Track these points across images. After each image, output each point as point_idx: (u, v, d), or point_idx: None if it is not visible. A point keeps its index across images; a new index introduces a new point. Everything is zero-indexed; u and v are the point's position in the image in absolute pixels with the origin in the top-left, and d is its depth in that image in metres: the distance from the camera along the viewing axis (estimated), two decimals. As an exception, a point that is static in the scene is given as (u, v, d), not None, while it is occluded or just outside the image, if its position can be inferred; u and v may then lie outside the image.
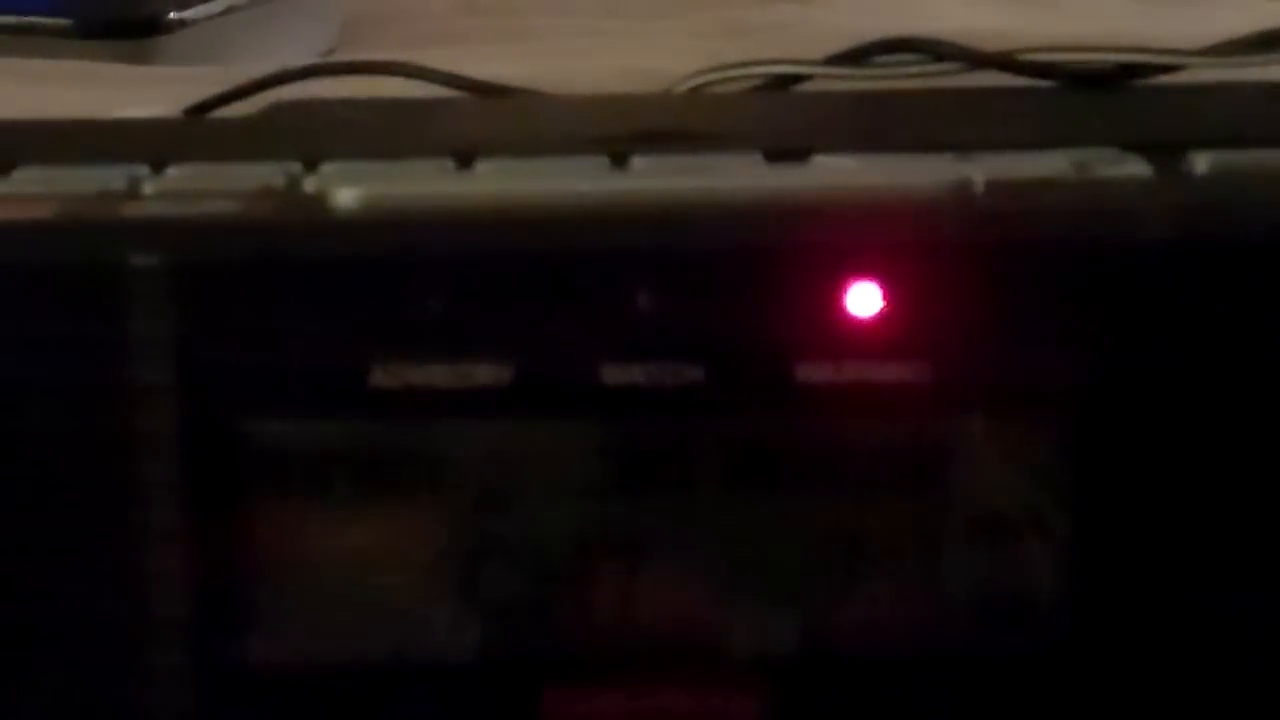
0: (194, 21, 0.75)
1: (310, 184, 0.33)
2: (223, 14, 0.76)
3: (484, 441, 0.33)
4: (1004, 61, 0.47)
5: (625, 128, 0.37)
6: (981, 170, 0.33)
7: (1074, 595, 0.33)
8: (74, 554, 0.33)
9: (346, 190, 0.33)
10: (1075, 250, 0.32)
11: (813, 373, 0.32)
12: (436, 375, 0.32)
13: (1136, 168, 0.33)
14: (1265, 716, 0.33)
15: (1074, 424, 0.33)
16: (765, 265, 0.32)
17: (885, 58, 0.49)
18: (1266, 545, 0.33)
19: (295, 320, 0.32)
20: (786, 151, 0.34)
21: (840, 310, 0.32)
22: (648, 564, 0.33)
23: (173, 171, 0.34)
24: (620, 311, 0.32)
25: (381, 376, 0.33)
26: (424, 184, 0.33)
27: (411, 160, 0.34)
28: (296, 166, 0.34)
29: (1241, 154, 0.33)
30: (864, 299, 0.32)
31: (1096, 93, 0.45)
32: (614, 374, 0.33)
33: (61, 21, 0.74)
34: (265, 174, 0.33)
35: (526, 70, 0.62)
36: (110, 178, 0.33)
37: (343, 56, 0.72)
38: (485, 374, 0.33)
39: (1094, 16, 0.82)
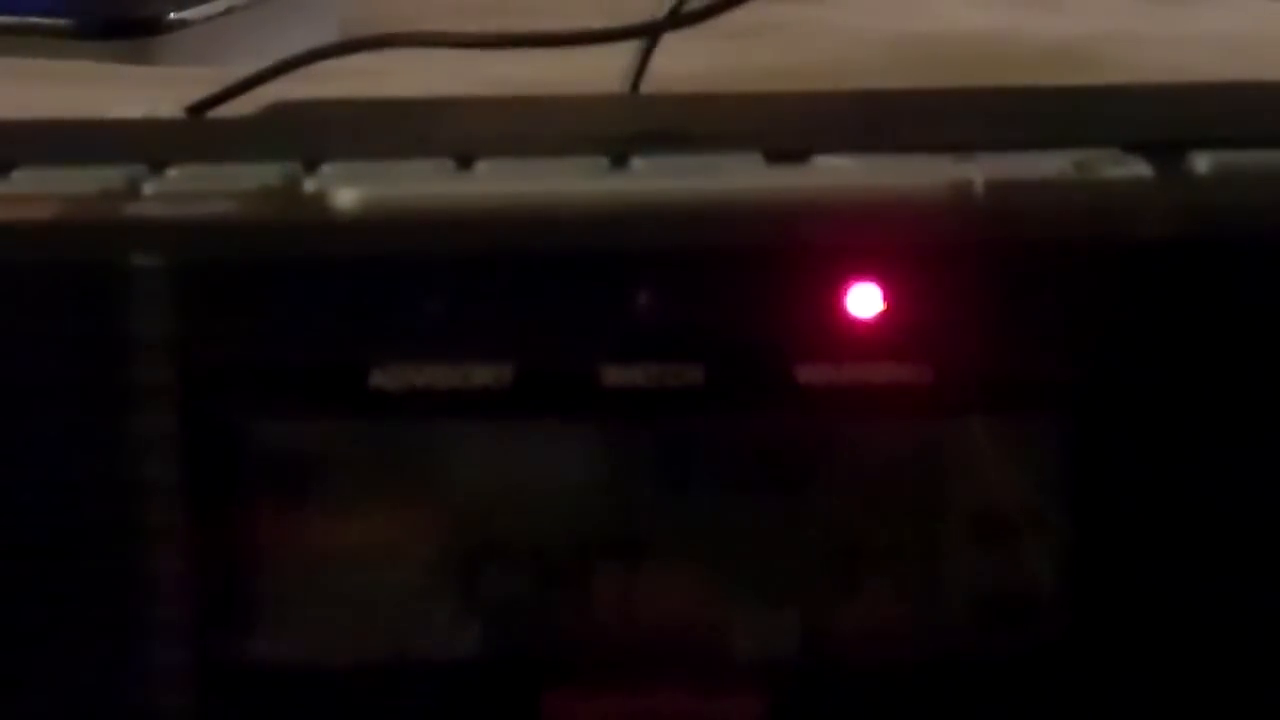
0: (194, 21, 0.75)
1: (310, 184, 0.33)
2: (223, 14, 0.76)
3: (484, 442, 0.33)
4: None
5: (625, 128, 0.37)
6: (981, 170, 0.33)
7: (1074, 595, 0.33)
8: (74, 554, 0.33)
9: (346, 190, 0.33)
10: (1075, 250, 0.32)
11: (813, 374, 0.32)
12: (437, 376, 0.33)
13: (1137, 168, 0.33)
14: (1265, 716, 0.33)
15: (1074, 424, 0.33)
16: (765, 266, 0.32)
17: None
18: (1267, 546, 0.33)
19: (295, 320, 0.32)
20: (786, 152, 0.34)
21: (840, 311, 0.32)
22: (648, 565, 0.33)
23: (173, 171, 0.34)
24: (620, 312, 0.32)
25: (381, 377, 0.33)
26: (424, 184, 0.33)
27: (411, 160, 0.34)
28: (296, 166, 0.34)
29: (1242, 154, 0.33)
30: (864, 300, 0.32)
31: (1097, 93, 0.45)
32: (614, 375, 0.33)
33: (61, 21, 0.75)
34: (265, 174, 0.33)
35: (527, 70, 0.62)
36: (110, 178, 0.33)
37: (343, 56, 0.72)
38: (485, 375, 0.33)
39: (1094, 16, 0.82)
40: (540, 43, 0.61)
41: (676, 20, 0.59)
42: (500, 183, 0.33)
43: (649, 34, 0.59)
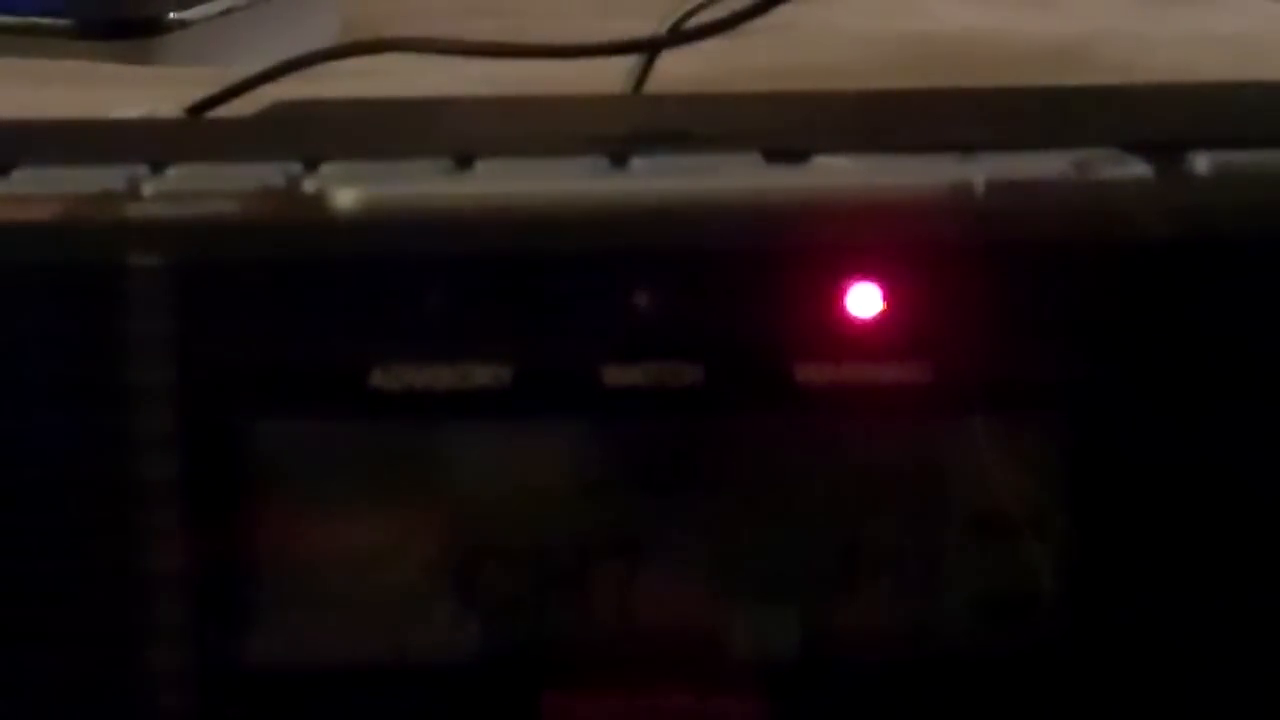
0: (194, 21, 0.75)
1: (310, 184, 0.33)
2: (223, 14, 0.76)
3: (484, 442, 0.33)
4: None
5: (625, 128, 0.37)
6: (982, 170, 0.33)
7: (1074, 595, 0.33)
8: (74, 554, 0.33)
9: (346, 190, 0.33)
10: (1075, 250, 0.32)
11: (813, 374, 0.32)
12: (436, 376, 0.33)
13: (1137, 168, 0.33)
14: (1264, 716, 0.33)
15: (1074, 424, 0.33)
16: (765, 266, 0.32)
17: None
18: (1266, 545, 0.33)
19: (295, 320, 0.32)
20: (786, 151, 0.34)
21: (840, 311, 0.32)
22: (647, 565, 0.33)
23: (173, 171, 0.34)
24: (620, 311, 0.32)
25: (381, 377, 0.33)
26: (424, 184, 0.33)
27: (411, 160, 0.34)
28: (296, 166, 0.34)
29: (1241, 154, 0.33)
30: (864, 300, 0.32)
31: (1097, 93, 0.45)
32: (614, 374, 0.33)
33: (61, 21, 0.75)
34: (265, 174, 0.33)
35: (526, 70, 0.62)
36: (110, 178, 0.33)
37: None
38: (485, 375, 0.33)
39: (1094, 16, 0.82)
40: (540, 54, 0.61)
41: (676, 37, 0.60)
42: (500, 183, 0.33)
43: (648, 49, 0.60)
